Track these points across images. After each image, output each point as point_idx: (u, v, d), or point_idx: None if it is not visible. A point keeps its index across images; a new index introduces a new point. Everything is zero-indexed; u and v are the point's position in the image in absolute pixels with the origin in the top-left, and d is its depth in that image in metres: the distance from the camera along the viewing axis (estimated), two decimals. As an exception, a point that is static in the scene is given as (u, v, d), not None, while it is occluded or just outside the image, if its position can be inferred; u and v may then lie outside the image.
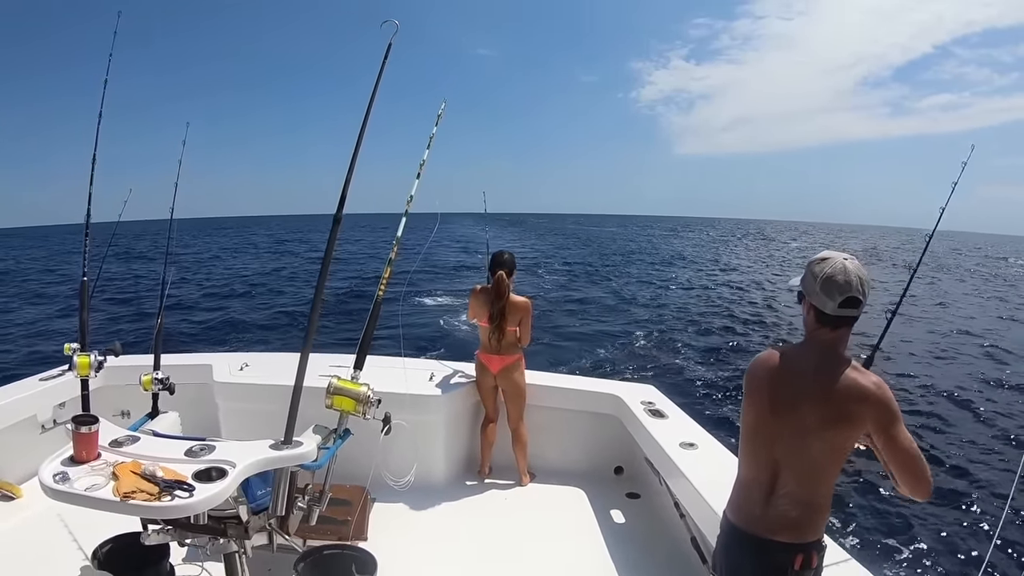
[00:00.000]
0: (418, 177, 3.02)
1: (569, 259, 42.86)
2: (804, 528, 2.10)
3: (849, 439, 2.05)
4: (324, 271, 2.51)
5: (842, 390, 2.00)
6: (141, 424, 3.16)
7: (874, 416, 1.98)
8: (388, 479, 3.77)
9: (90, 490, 2.07)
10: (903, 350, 14.72)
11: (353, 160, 2.61)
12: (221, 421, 4.56)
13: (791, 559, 2.07)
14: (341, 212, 2.54)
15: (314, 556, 2.82)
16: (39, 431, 4.26)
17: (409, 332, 15.45)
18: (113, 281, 25.28)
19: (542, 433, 4.81)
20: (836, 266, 2.06)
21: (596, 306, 22.01)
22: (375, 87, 2.74)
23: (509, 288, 4.56)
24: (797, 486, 2.08)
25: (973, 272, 43.08)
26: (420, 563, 3.61)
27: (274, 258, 42.18)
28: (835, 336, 2.10)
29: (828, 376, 2.04)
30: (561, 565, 3.69)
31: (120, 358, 4.60)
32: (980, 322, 20.42)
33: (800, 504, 2.09)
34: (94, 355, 3.38)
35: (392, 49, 2.79)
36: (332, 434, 2.60)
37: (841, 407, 2.00)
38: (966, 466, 8.39)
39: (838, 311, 2.05)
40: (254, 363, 4.87)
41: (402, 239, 2.89)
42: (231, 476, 2.16)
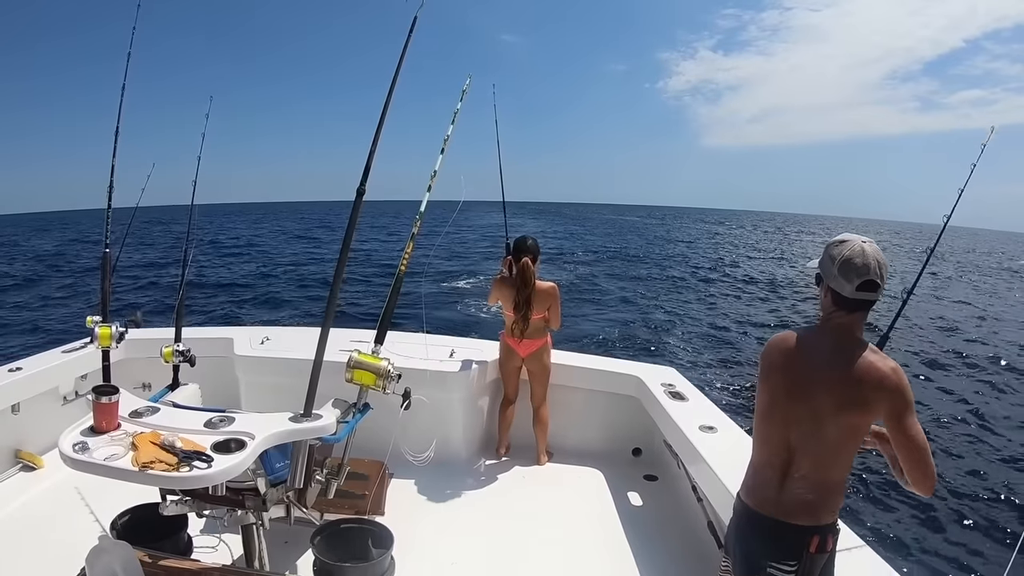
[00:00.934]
0: (442, 152, 2.99)
1: (593, 247, 43.10)
2: (819, 511, 2.09)
3: (864, 423, 2.04)
4: (346, 245, 2.49)
5: (858, 374, 2.00)
6: (161, 396, 3.18)
7: (889, 402, 1.98)
8: (407, 454, 3.78)
9: (109, 460, 2.09)
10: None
11: (377, 132, 2.58)
12: (242, 394, 4.60)
13: (807, 541, 2.07)
14: (365, 185, 2.52)
15: (331, 529, 2.84)
16: (61, 403, 4.32)
17: (432, 315, 15.53)
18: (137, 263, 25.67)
19: (561, 412, 4.80)
20: (855, 249, 2.05)
21: (617, 291, 22.12)
22: (400, 59, 2.71)
23: (534, 274, 4.46)
24: (812, 469, 2.08)
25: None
26: (436, 539, 3.63)
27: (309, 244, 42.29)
28: (852, 319, 2.09)
29: (844, 360, 2.03)
30: (577, 545, 3.69)
31: (141, 331, 4.64)
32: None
33: (816, 487, 2.08)
34: (115, 326, 3.40)
35: (418, 23, 2.76)
36: (352, 408, 2.61)
37: (857, 392, 1.99)
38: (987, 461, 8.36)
39: (856, 294, 2.04)
40: (275, 337, 4.90)
41: (425, 215, 2.87)
42: (250, 448, 2.16)
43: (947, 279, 32.58)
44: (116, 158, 3.83)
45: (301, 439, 2.38)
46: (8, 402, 3.98)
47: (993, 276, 38.51)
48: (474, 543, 3.66)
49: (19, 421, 4.05)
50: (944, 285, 29.29)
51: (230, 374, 4.59)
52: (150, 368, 3.71)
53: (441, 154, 2.98)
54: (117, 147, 3.83)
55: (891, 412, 1.98)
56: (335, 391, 2.60)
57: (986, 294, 27.76)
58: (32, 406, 4.12)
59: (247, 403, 4.53)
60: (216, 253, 28.61)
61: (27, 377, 4.10)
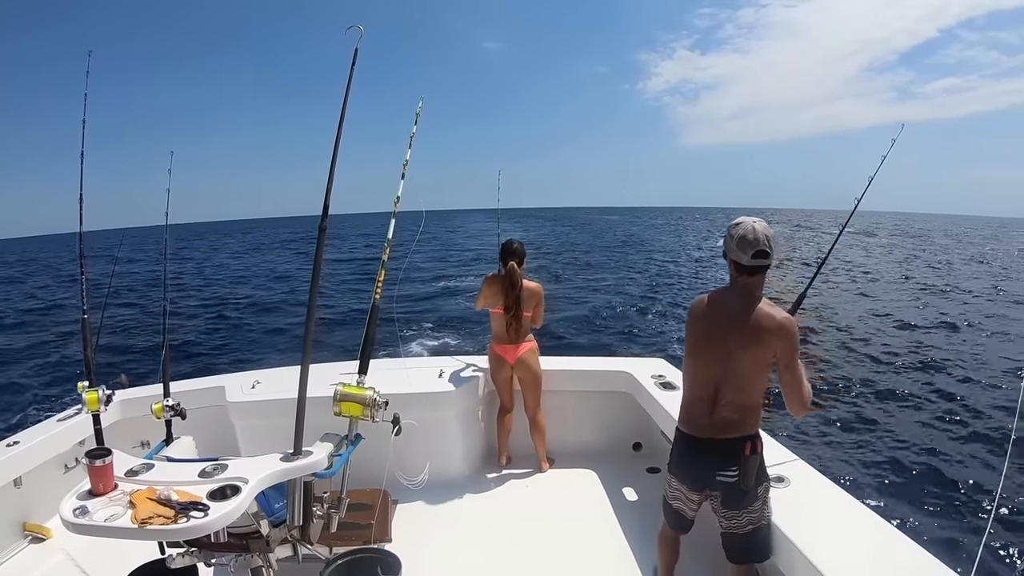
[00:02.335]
0: (403, 177, 3.04)
1: (574, 248, 44.67)
2: (745, 425, 2.73)
3: (765, 357, 2.67)
4: (315, 281, 2.53)
5: (757, 320, 2.66)
6: (157, 451, 3.22)
7: (780, 343, 2.64)
8: (402, 479, 3.84)
9: (109, 520, 2.12)
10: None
11: (332, 169, 2.61)
12: (239, 440, 4.65)
13: (742, 448, 2.70)
14: (326, 220, 2.56)
15: (339, 562, 2.89)
16: (63, 471, 4.35)
17: (422, 332, 15.72)
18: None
19: (558, 417, 4.88)
20: (747, 228, 2.69)
21: (598, 289, 22.67)
22: (346, 93, 2.75)
23: (522, 276, 4.70)
24: (735, 395, 2.72)
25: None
26: (445, 558, 3.69)
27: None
28: (752, 281, 2.74)
29: (748, 311, 2.68)
30: (585, 548, 3.75)
31: (132, 390, 4.68)
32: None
33: (739, 408, 2.72)
34: (102, 390, 3.43)
35: (359, 55, 2.82)
36: (344, 440, 2.65)
37: (758, 332, 2.65)
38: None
39: (751, 262, 2.67)
40: (265, 379, 4.95)
41: (393, 240, 2.93)
42: (244, 492, 2.21)
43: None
44: (82, 225, 3.83)
45: (294, 477, 2.43)
46: (10, 476, 4.01)
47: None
48: (483, 558, 3.73)
49: (23, 494, 4.08)
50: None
51: (225, 422, 4.63)
52: (146, 426, 3.75)
53: (402, 179, 3.03)
54: (83, 215, 3.85)
55: (782, 351, 2.64)
56: (326, 426, 2.64)
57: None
58: (34, 477, 4.15)
59: (245, 448, 4.57)
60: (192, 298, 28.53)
61: (26, 450, 4.13)
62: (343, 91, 2.72)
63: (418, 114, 3.38)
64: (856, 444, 8.87)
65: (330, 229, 2.59)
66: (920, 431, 9.26)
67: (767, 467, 2.83)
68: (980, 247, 52.49)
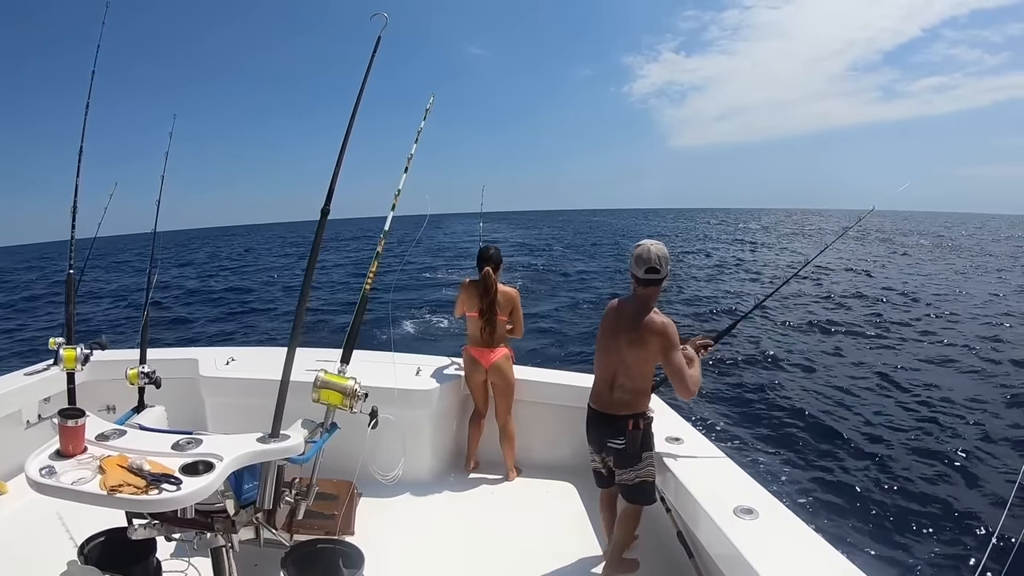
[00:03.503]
0: (405, 171, 3.06)
1: (562, 250, 45.57)
2: (632, 405, 3.46)
3: (648, 353, 3.37)
4: (311, 265, 2.54)
5: (644, 324, 3.35)
6: (127, 418, 3.21)
7: (659, 342, 3.33)
8: (376, 473, 3.84)
9: (77, 484, 2.10)
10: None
11: (341, 153, 2.63)
12: (208, 416, 4.62)
13: (627, 423, 3.42)
14: (329, 204, 2.57)
15: (301, 551, 2.88)
16: (24, 426, 4.30)
17: (403, 332, 15.79)
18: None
19: (529, 427, 4.91)
20: (644, 248, 3.41)
21: (581, 299, 22.84)
22: (364, 79, 2.77)
23: (496, 282, 4.75)
24: (626, 381, 3.45)
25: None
26: (407, 557, 3.70)
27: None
28: (647, 292, 3.45)
29: (639, 316, 3.38)
30: (546, 558, 3.77)
31: (105, 352, 4.64)
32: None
33: (629, 392, 3.46)
34: (80, 348, 3.41)
35: (381, 43, 2.83)
36: (319, 428, 2.65)
37: (642, 334, 3.36)
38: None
39: (644, 276, 3.39)
40: (240, 357, 4.94)
41: (389, 233, 2.94)
42: (218, 470, 2.20)
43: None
44: (80, 178, 3.85)
45: (269, 460, 2.43)
46: None
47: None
48: (444, 559, 3.74)
49: None
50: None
51: (196, 395, 4.61)
52: (114, 390, 3.73)
53: (405, 172, 3.05)
54: (81, 167, 3.86)
55: (660, 348, 3.34)
56: (302, 411, 2.64)
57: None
58: None
59: (213, 424, 4.55)
60: (184, 275, 28.52)
61: None
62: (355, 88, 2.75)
63: (428, 109, 3.40)
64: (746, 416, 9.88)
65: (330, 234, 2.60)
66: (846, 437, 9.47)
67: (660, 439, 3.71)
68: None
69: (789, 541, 2.91)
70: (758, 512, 3.07)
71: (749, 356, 13.69)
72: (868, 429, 9.55)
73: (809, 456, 8.71)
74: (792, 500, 6.80)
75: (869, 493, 7.54)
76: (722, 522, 3.00)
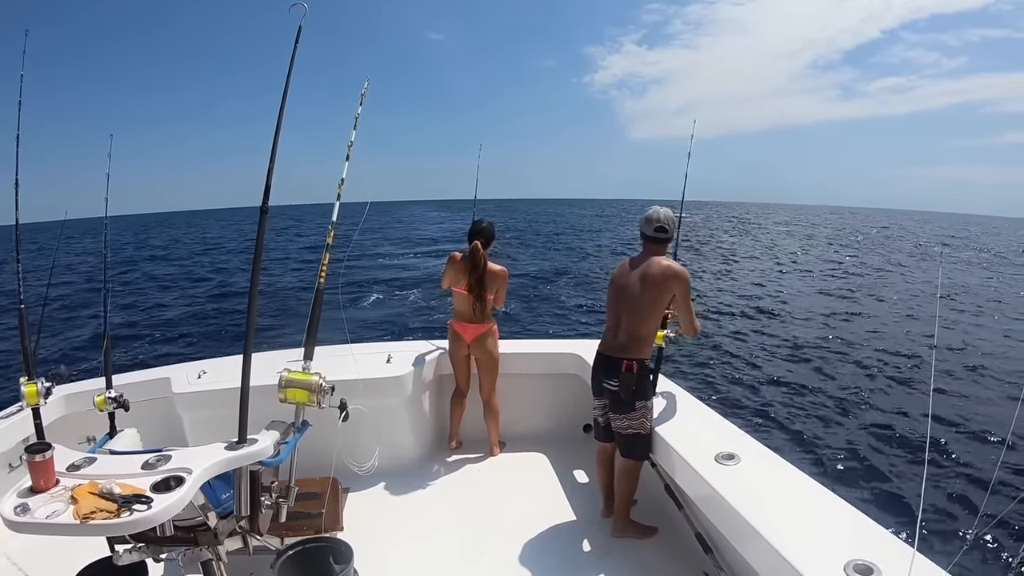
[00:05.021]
0: (347, 159, 3.05)
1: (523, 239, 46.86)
2: (631, 350, 3.72)
3: (663, 297, 3.69)
4: (256, 266, 2.52)
5: (659, 268, 3.70)
6: (101, 445, 3.21)
7: (678, 285, 3.68)
8: (352, 465, 3.89)
9: (51, 517, 2.10)
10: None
11: (274, 149, 2.62)
12: (187, 431, 4.64)
13: (621, 365, 3.66)
14: (267, 203, 2.55)
15: (290, 552, 2.93)
16: (7, 470, 4.30)
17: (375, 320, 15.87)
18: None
19: (509, 401, 4.98)
20: (653, 211, 3.87)
21: (550, 276, 23.40)
22: (289, 72, 2.75)
23: (484, 257, 4.76)
24: (632, 324, 3.73)
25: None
26: (397, 545, 3.78)
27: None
28: (657, 247, 3.85)
29: (652, 263, 3.74)
30: (537, 531, 3.86)
31: (76, 384, 4.63)
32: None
33: (632, 335, 3.72)
34: (41, 383, 3.40)
35: (303, 32, 2.81)
36: (290, 428, 2.68)
37: (660, 276, 3.69)
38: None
39: (653, 234, 3.85)
40: (212, 369, 4.94)
41: (338, 223, 2.94)
42: (188, 482, 2.21)
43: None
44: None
45: (239, 466, 2.45)
46: None
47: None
48: (435, 543, 3.81)
49: None
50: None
51: (172, 413, 4.62)
52: (92, 421, 3.73)
53: (347, 160, 3.04)
54: (19, 201, 3.80)
55: (679, 292, 3.69)
56: (273, 414, 2.67)
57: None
58: None
59: (193, 439, 4.57)
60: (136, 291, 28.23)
61: None
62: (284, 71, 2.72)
63: (363, 95, 3.37)
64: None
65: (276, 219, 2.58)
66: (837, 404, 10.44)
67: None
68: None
69: (771, 481, 2.99)
70: (739, 456, 3.14)
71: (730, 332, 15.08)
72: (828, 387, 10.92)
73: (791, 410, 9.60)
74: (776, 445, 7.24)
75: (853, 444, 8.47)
76: (703, 469, 3.08)
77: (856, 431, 8.92)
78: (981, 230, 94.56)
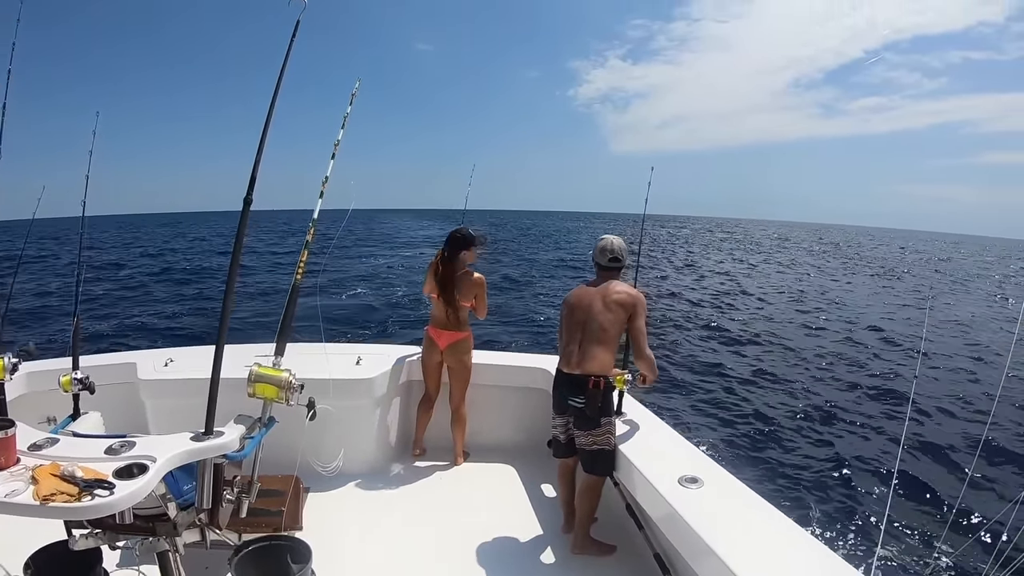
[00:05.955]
0: (333, 157, 3.07)
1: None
2: (598, 367, 3.83)
3: (618, 320, 3.91)
4: (236, 257, 2.54)
5: (616, 292, 3.97)
6: (63, 426, 3.20)
7: (635, 309, 3.91)
8: (316, 465, 3.90)
9: (9, 496, 2.08)
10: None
11: (263, 139, 2.62)
12: (149, 419, 4.62)
13: (588, 383, 3.79)
14: (251, 194, 2.57)
15: (248, 549, 2.93)
16: None
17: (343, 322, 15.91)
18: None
19: (478, 411, 5.01)
20: (607, 240, 4.18)
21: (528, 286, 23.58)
22: (284, 64, 2.77)
23: (460, 265, 4.82)
24: (591, 345, 3.88)
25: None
26: (356, 547, 3.80)
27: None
28: (610, 275, 4.13)
29: (607, 287, 4.01)
30: (496, 541, 3.88)
31: (39, 362, 4.59)
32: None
33: (595, 358, 3.85)
34: (7, 358, 3.37)
35: (300, 27, 2.83)
36: (256, 423, 2.67)
37: (615, 300, 3.94)
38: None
39: (607, 264, 4.14)
40: (179, 358, 4.93)
41: (318, 222, 2.96)
42: (152, 471, 2.20)
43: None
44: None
45: (204, 457, 2.46)
46: None
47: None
48: (394, 548, 3.83)
49: None
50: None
51: (135, 399, 4.60)
52: (53, 401, 3.71)
53: (332, 159, 3.06)
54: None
55: (632, 314, 3.90)
56: (241, 407, 2.66)
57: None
58: None
59: (155, 427, 4.56)
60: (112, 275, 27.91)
61: None
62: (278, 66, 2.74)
63: (353, 95, 3.40)
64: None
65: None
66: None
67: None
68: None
69: (733, 506, 3.05)
70: (702, 480, 3.20)
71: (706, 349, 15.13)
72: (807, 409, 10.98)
73: (756, 437, 9.61)
74: (738, 471, 7.28)
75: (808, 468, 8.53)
76: (667, 492, 3.13)
77: (822, 459, 8.98)
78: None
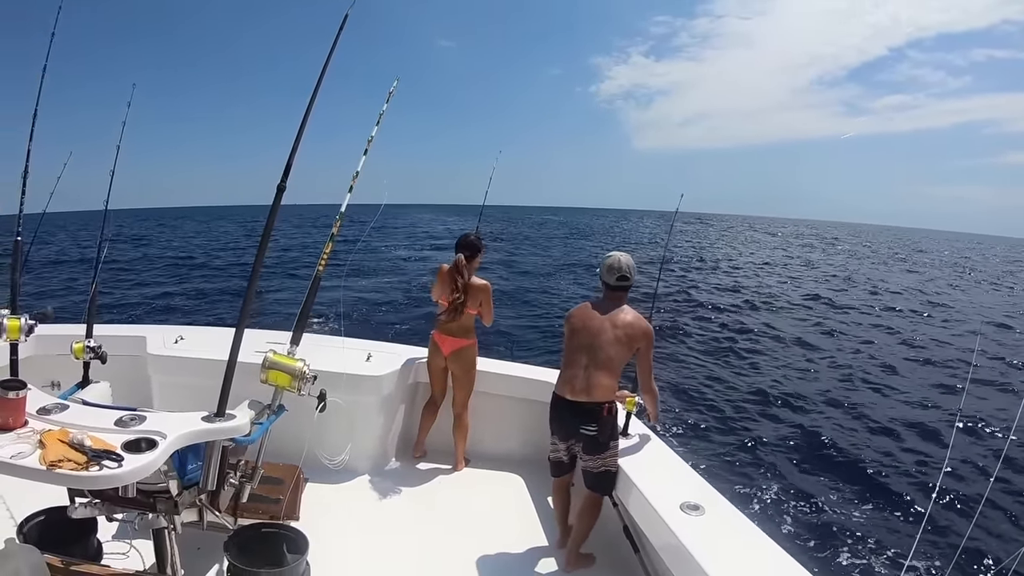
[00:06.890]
0: (365, 153, 3.09)
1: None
2: (607, 394, 3.70)
3: (625, 349, 3.75)
4: (264, 242, 2.56)
5: (626, 321, 3.77)
6: (71, 393, 3.22)
7: (644, 341, 3.76)
8: (323, 458, 3.90)
9: (15, 458, 2.09)
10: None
11: (302, 126, 2.66)
12: (154, 394, 4.64)
13: (601, 410, 3.68)
14: (286, 180, 2.60)
15: (244, 535, 2.93)
16: None
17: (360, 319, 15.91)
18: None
19: (480, 418, 4.99)
20: (614, 259, 3.93)
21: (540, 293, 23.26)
22: (330, 54, 2.79)
23: (468, 271, 4.79)
24: (597, 372, 3.70)
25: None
26: (352, 543, 3.79)
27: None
28: (618, 295, 3.90)
29: (616, 314, 3.80)
30: (491, 549, 3.87)
31: (51, 326, 4.61)
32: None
33: (601, 386, 3.69)
34: (25, 319, 3.38)
35: (348, 19, 2.86)
36: (266, 409, 2.69)
37: (624, 331, 3.75)
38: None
39: (615, 283, 3.89)
40: (189, 336, 4.96)
41: (345, 215, 2.97)
42: (161, 447, 2.22)
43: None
44: (32, 142, 3.83)
45: (214, 439, 2.46)
46: None
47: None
48: (389, 546, 3.83)
49: None
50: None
51: (142, 373, 4.62)
52: (59, 366, 3.72)
53: (364, 155, 3.08)
54: (34, 131, 3.85)
55: (642, 345, 3.76)
56: (250, 393, 2.69)
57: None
58: None
59: (159, 403, 4.57)
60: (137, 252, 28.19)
61: None
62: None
63: (391, 93, 3.43)
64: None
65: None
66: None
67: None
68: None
69: (734, 537, 3.04)
70: (704, 508, 3.19)
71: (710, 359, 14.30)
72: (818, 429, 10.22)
73: (761, 460, 9.10)
74: (739, 500, 7.02)
75: (818, 497, 7.88)
76: (668, 518, 3.12)
77: (841, 488, 8.34)
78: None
